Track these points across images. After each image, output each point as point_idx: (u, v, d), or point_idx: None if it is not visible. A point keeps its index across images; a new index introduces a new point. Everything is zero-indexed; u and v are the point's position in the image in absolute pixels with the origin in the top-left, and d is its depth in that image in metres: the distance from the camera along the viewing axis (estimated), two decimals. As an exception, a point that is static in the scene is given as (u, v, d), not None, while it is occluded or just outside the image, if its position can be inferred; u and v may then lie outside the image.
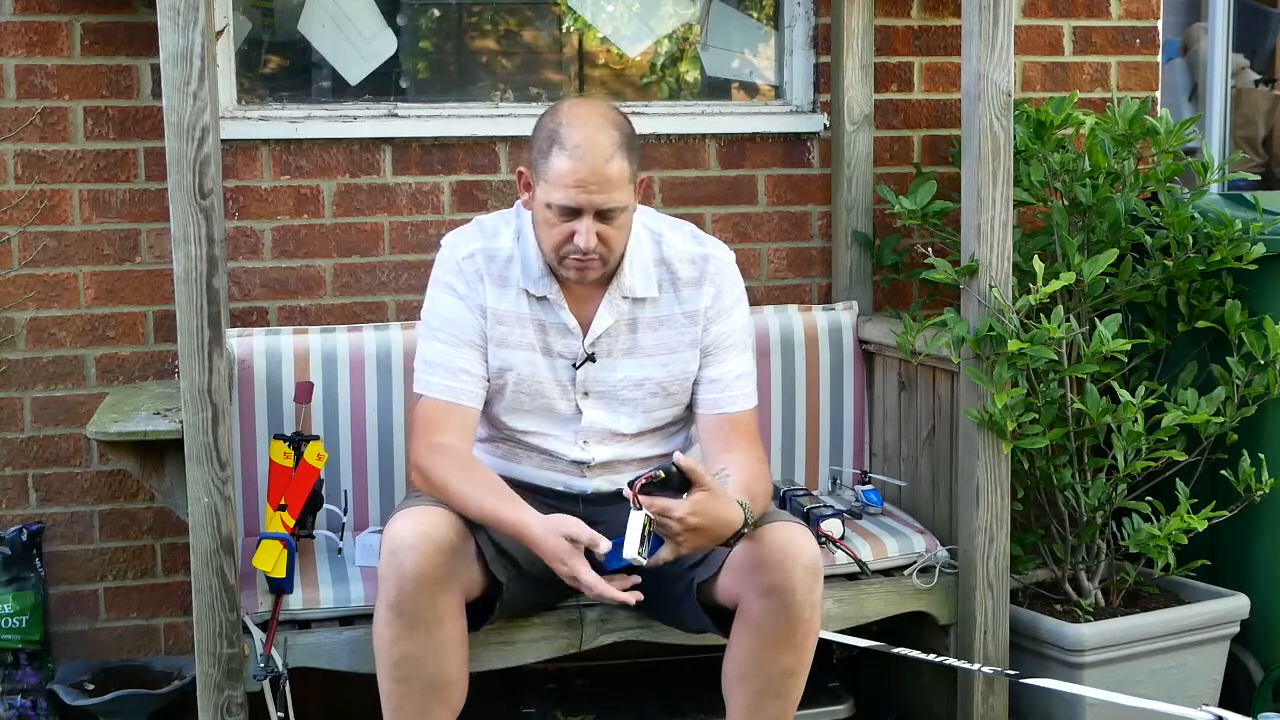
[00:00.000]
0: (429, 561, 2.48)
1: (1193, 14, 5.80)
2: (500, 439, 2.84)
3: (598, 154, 2.55)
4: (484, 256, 2.74)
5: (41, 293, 3.29)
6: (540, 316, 2.74)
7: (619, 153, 2.58)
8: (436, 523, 2.52)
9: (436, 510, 2.55)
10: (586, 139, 2.56)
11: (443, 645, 2.54)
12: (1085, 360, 3.03)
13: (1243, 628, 3.25)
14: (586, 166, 2.55)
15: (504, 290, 2.73)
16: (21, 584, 3.25)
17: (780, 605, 2.55)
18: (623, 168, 2.59)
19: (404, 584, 2.48)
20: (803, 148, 3.65)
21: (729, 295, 2.81)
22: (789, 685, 2.64)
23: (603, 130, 2.58)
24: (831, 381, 3.48)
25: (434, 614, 2.51)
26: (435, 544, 2.49)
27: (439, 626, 2.52)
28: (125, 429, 2.78)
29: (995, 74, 2.96)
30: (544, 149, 2.60)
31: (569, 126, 2.58)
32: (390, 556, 2.50)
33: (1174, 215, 3.20)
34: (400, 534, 2.51)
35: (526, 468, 2.82)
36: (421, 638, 2.52)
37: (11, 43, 3.23)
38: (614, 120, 2.63)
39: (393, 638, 2.52)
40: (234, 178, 3.34)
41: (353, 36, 3.45)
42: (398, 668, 2.54)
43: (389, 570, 2.50)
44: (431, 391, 2.70)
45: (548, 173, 2.58)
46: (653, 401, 2.80)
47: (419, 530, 2.50)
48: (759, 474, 2.71)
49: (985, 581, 3.06)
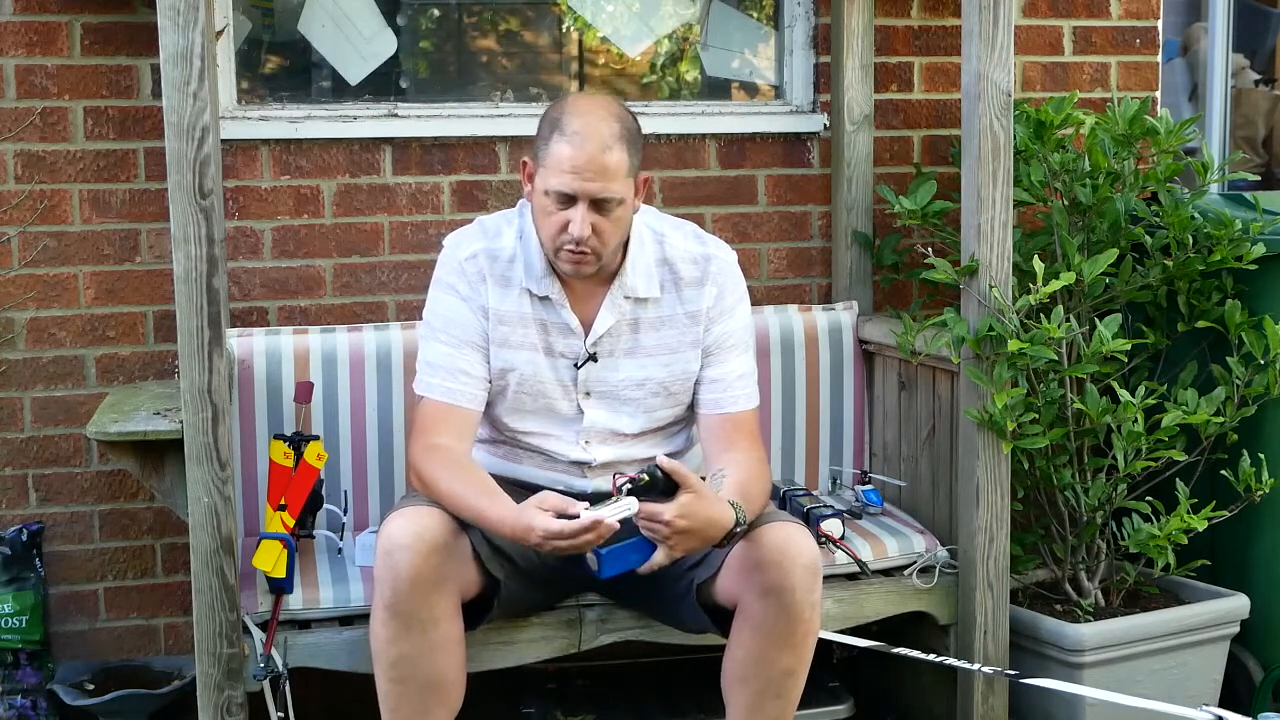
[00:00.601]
0: (423, 562, 2.48)
1: (1193, 14, 5.79)
2: (501, 440, 2.84)
3: (596, 142, 2.56)
4: (486, 257, 2.73)
5: (41, 293, 3.29)
6: (542, 316, 2.74)
7: (618, 144, 2.58)
8: (429, 523, 2.52)
9: (429, 510, 2.55)
10: (587, 127, 2.57)
11: (439, 645, 2.54)
12: (1085, 360, 3.03)
13: (1243, 628, 3.25)
14: (584, 154, 2.55)
15: (506, 290, 2.73)
16: (21, 584, 3.25)
17: (780, 605, 2.55)
18: (621, 159, 2.59)
19: (399, 584, 2.49)
20: (803, 148, 3.65)
21: (731, 295, 2.82)
22: (789, 685, 2.64)
23: (604, 121, 2.59)
24: (831, 381, 3.48)
25: (429, 614, 2.51)
26: (429, 544, 2.49)
27: (435, 626, 2.53)
28: (125, 429, 2.78)
29: (995, 74, 2.96)
30: (545, 136, 2.61)
31: (571, 115, 2.59)
32: (385, 557, 2.51)
33: (1174, 215, 3.20)
34: (394, 534, 2.51)
35: (527, 468, 2.82)
36: (418, 638, 2.52)
37: (11, 43, 3.22)
38: (617, 114, 2.64)
39: (389, 638, 2.53)
40: (234, 178, 3.34)
41: (353, 36, 3.45)
42: (395, 668, 2.54)
43: (384, 571, 2.51)
44: (432, 393, 2.70)
45: (547, 158, 2.59)
46: (654, 401, 2.80)
47: (412, 530, 2.50)
48: (757, 473, 2.71)
49: (985, 581, 3.06)
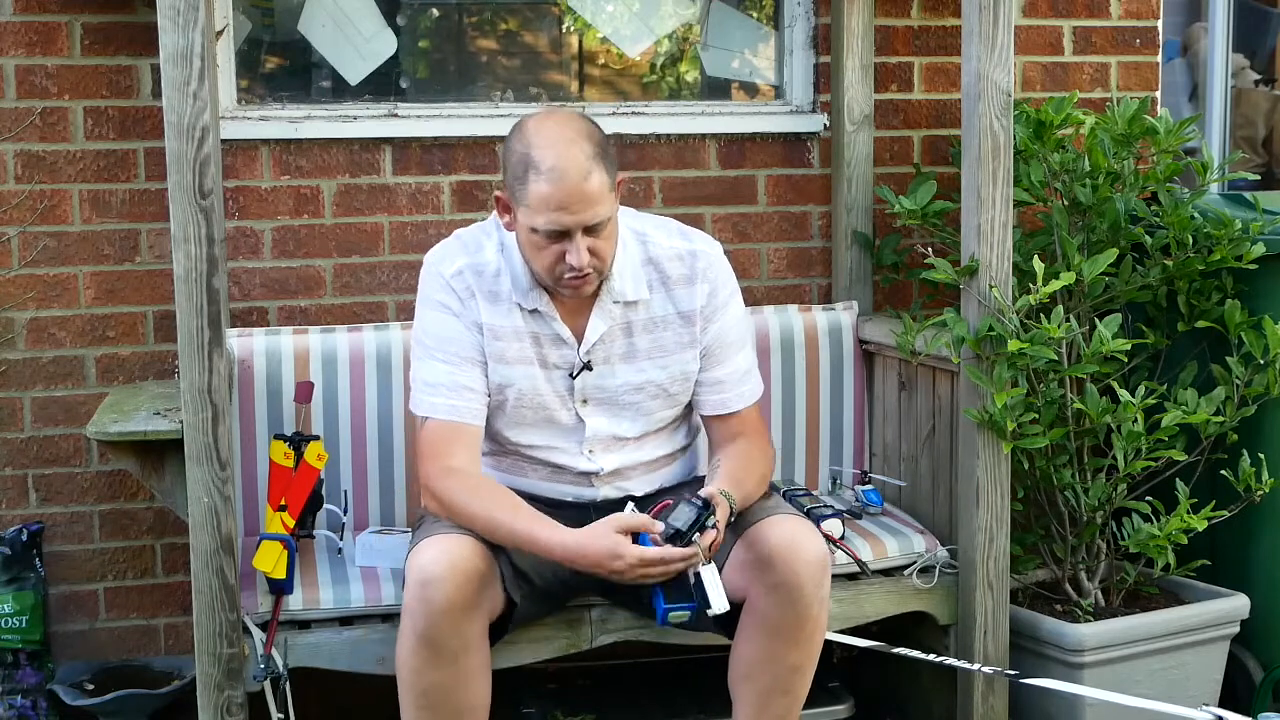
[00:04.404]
0: (459, 593, 2.46)
1: (1193, 14, 5.79)
2: (504, 453, 2.82)
3: (575, 173, 2.50)
4: (472, 272, 2.69)
5: (41, 293, 3.29)
6: (534, 329, 2.71)
7: (595, 166, 2.52)
8: (463, 552, 2.49)
9: (461, 538, 2.52)
10: (560, 159, 2.50)
11: (470, 673, 2.53)
12: (1085, 360, 3.03)
13: (1243, 628, 3.25)
14: (565, 189, 2.49)
15: (496, 305, 2.69)
16: (21, 584, 3.25)
17: (788, 601, 2.55)
18: (601, 180, 2.53)
19: (433, 615, 2.45)
20: (803, 148, 3.65)
21: (724, 290, 2.80)
22: (796, 682, 2.64)
23: (575, 145, 2.52)
24: (831, 381, 3.48)
25: (461, 643, 2.50)
26: (465, 574, 2.47)
27: (466, 655, 2.51)
28: (125, 429, 2.78)
29: (995, 74, 2.96)
30: (519, 174, 2.54)
31: (540, 149, 2.52)
32: (419, 589, 2.46)
33: (1174, 215, 3.20)
34: (428, 565, 2.47)
35: (533, 480, 2.80)
36: (449, 667, 2.50)
37: (11, 43, 3.22)
38: (583, 131, 2.56)
39: (419, 668, 2.50)
40: (234, 178, 3.34)
41: (353, 36, 3.45)
42: (425, 696, 2.53)
43: (417, 603, 2.47)
44: (436, 413, 2.65)
45: (527, 198, 2.53)
46: (653, 404, 2.79)
47: (446, 560, 2.47)
48: (752, 460, 2.74)
49: (985, 581, 3.06)
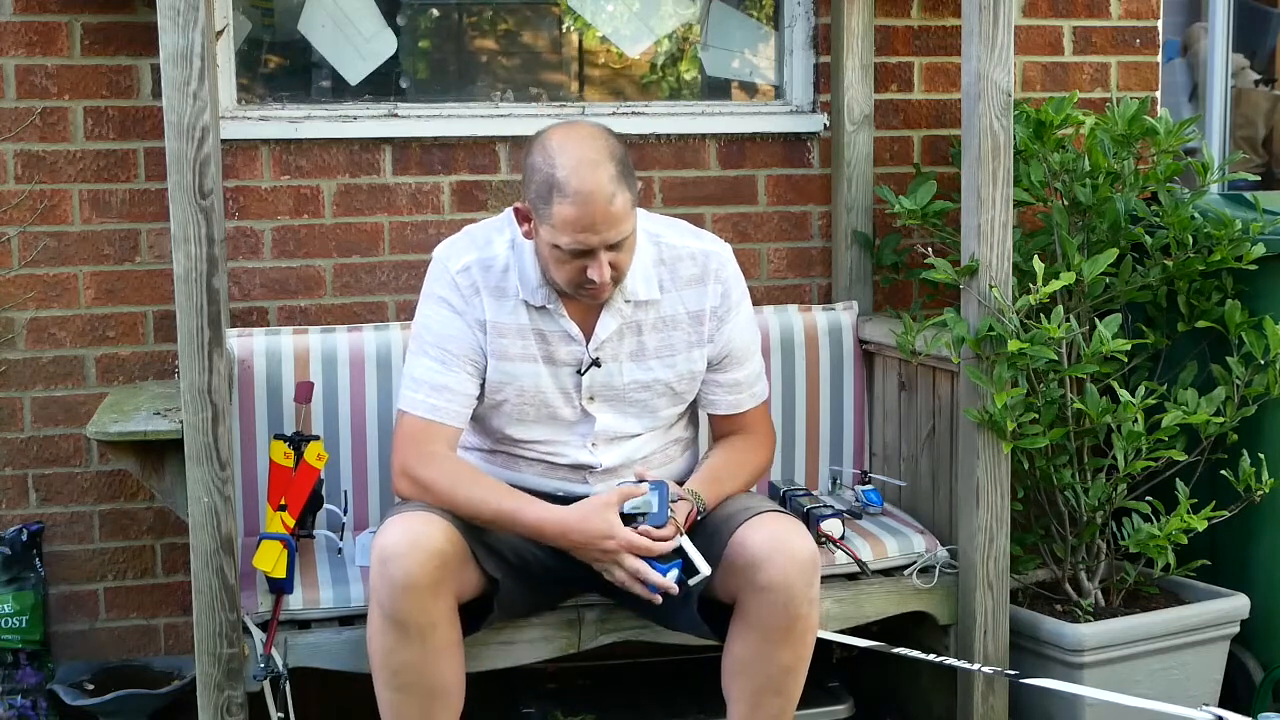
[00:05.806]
0: (420, 569, 2.48)
1: (1193, 14, 5.79)
2: (498, 450, 2.82)
3: (601, 197, 2.50)
4: (480, 268, 2.70)
5: (41, 293, 3.29)
6: (541, 325, 2.71)
7: (619, 188, 2.53)
8: (425, 529, 2.51)
9: (425, 516, 2.55)
10: (586, 183, 2.50)
11: (439, 651, 2.54)
12: (1085, 360, 3.02)
13: (1243, 628, 3.25)
14: (590, 213, 2.50)
15: (502, 301, 2.70)
16: (21, 584, 3.25)
17: (776, 602, 2.55)
18: (625, 199, 2.54)
19: (395, 592, 2.48)
20: (803, 148, 3.65)
21: (735, 291, 2.81)
22: (788, 682, 2.64)
23: (600, 168, 2.51)
24: (831, 381, 3.48)
25: (427, 620, 2.51)
26: (425, 551, 2.49)
27: (433, 632, 2.52)
28: (125, 429, 2.78)
29: (995, 74, 2.96)
30: (543, 194, 2.53)
31: (566, 170, 2.51)
32: (381, 566, 2.50)
33: (1174, 215, 3.20)
34: (390, 543, 2.50)
35: (526, 475, 2.80)
36: (416, 646, 2.51)
37: (11, 43, 3.22)
38: (607, 150, 2.55)
39: (388, 647, 2.52)
40: (234, 178, 3.34)
41: (353, 36, 3.45)
42: (396, 676, 2.54)
43: (380, 580, 2.50)
44: (415, 409, 2.67)
45: (551, 218, 2.53)
46: (660, 402, 2.80)
47: (407, 538, 2.50)
48: (746, 456, 2.81)
49: (985, 581, 3.06)
